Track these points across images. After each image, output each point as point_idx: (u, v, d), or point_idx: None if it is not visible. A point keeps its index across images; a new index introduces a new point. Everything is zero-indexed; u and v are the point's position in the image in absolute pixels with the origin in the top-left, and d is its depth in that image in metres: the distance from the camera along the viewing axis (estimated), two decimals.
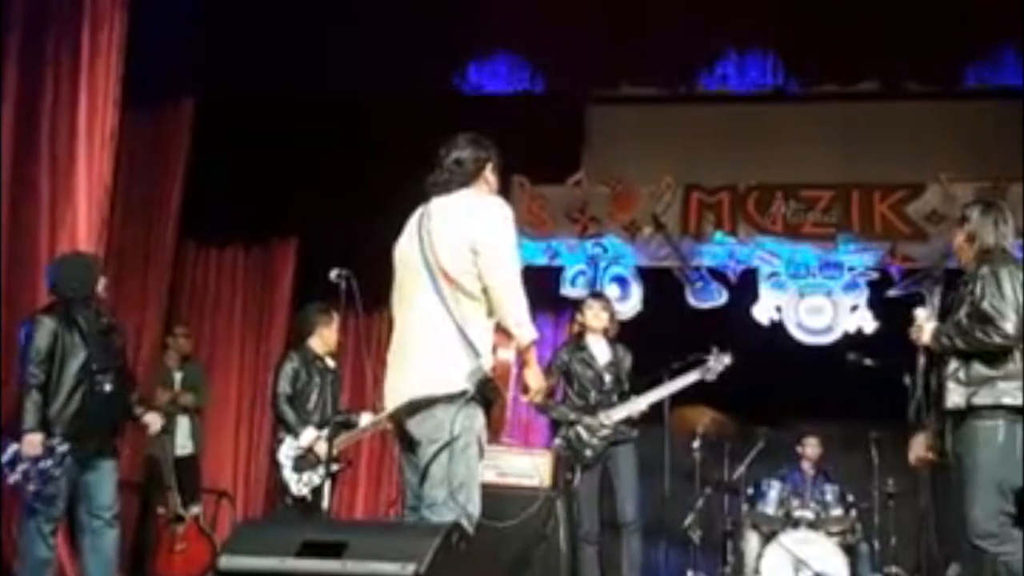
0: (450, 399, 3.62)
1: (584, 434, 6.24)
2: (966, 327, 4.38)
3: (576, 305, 6.72)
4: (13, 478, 5.06)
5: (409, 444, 3.77)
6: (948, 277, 7.85)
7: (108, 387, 5.24)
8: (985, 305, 4.33)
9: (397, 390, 3.78)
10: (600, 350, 6.43)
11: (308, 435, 5.92)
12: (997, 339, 4.29)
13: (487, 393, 3.63)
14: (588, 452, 6.23)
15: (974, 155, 8.03)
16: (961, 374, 4.35)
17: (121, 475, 5.56)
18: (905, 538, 6.96)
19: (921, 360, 4.55)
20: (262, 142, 7.85)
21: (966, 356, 4.36)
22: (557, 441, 6.35)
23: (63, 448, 5.09)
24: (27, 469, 5.02)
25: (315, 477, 5.79)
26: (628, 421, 6.30)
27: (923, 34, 7.50)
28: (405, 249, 3.88)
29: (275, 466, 5.97)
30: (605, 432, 6.23)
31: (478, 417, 3.66)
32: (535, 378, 3.75)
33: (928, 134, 8.13)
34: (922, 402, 4.55)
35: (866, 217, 8.04)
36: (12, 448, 5.05)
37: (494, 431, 3.72)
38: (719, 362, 6.45)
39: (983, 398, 4.32)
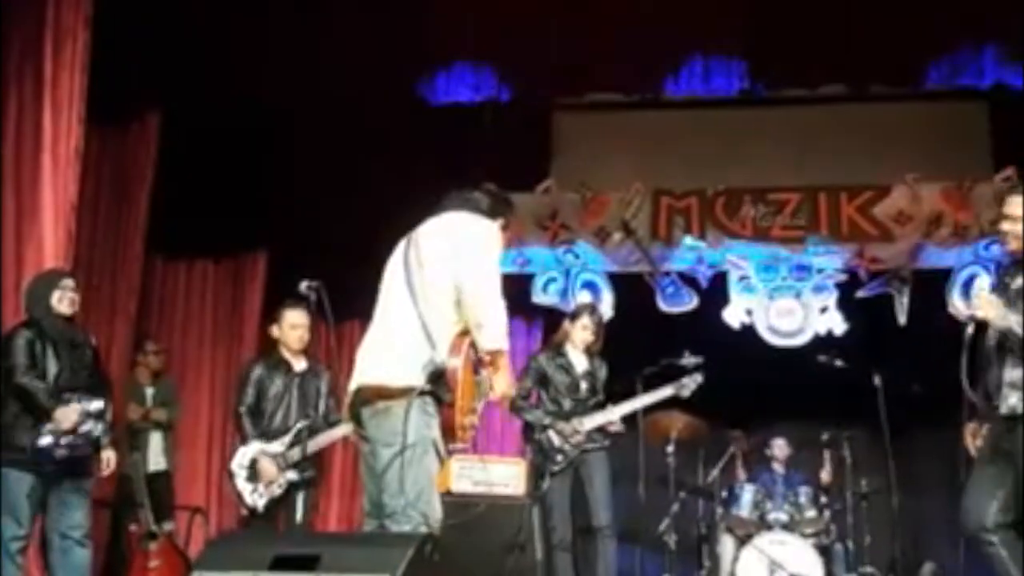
0: (403, 394, 3.64)
1: (556, 440, 6.24)
2: None
3: (570, 314, 6.70)
4: (59, 453, 5.07)
5: (369, 446, 3.79)
6: (915, 277, 8.01)
7: (80, 402, 5.20)
8: None
9: (355, 381, 3.85)
10: (578, 359, 6.45)
11: (251, 449, 5.73)
12: None
13: (439, 389, 3.64)
14: (559, 457, 6.23)
15: (939, 156, 8.13)
16: (1018, 379, 4.20)
17: (92, 492, 5.50)
18: (879, 538, 7.00)
19: (969, 330, 4.28)
20: (229, 156, 7.81)
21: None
22: (530, 443, 6.35)
23: (95, 405, 5.15)
24: (71, 441, 5.07)
25: (274, 488, 5.65)
26: (600, 430, 6.31)
27: (886, 37, 7.57)
28: (394, 259, 3.95)
29: (229, 475, 5.80)
30: (577, 439, 6.24)
31: (433, 422, 3.68)
32: (503, 383, 3.79)
33: (893, 135, 8.21)
34: (968, 390, 4.37)
35: (834, 219, 8.11)
36: (48, 430, 5.06)
37: (448, 435, 3.71)
38: (693, 380, 6.49)
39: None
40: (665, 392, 6.52)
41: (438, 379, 3.64)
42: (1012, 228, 4.29)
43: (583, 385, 6.39)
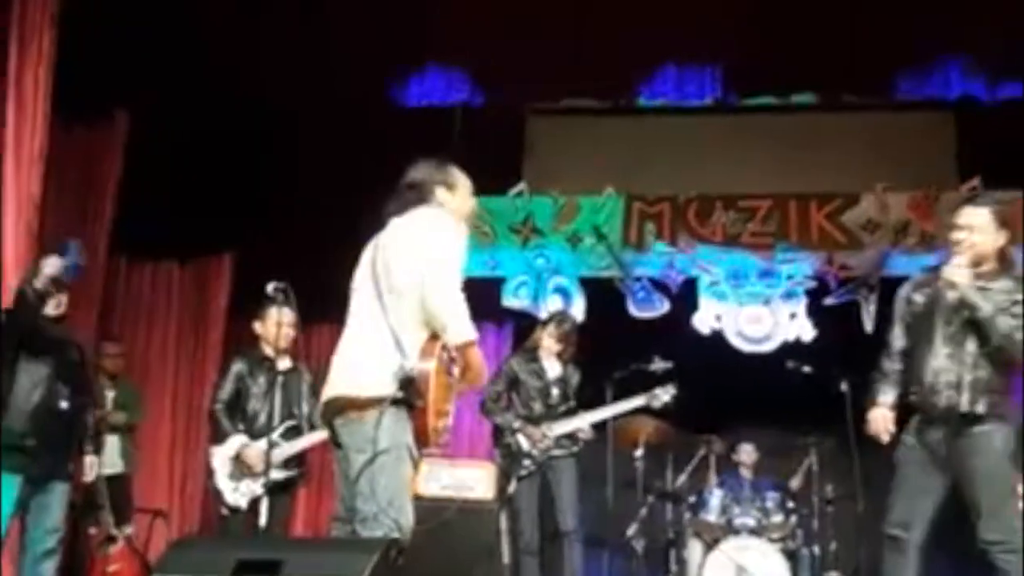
0: (375, 403, 3.63)
1: (525, 444, 6.24)
2: (1004, 318, 4.20)
3: (542, 321, 6.69)
4: None
5: (343, 452, 3.77)
6: (883, 285, 8.06)
7: (64, 404, 5.13)
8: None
9: (327, 393, 3.82)
10: (550, 364, 6.45)
11: (234, 443, 5.63)
12: (1016, 343, 4.18)
13: (410, 396, 3.63)
14: (527, 462, 6.22)
15: (907, 165, 8.20)
16: (983, 382, 4.24)
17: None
18: (844, 543, 7.03)
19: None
20: (197, 157, 7.75)
21: (988, 359, 4.25)
22: (499, 446, 6.34)
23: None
24: None
25: (256, 487, 5.55)
26: (570, 436, 6.31)
27: (856, 48, 7.64)
28: (362, 267, 3.92)
29: (209, 474, 5.69)
30: (546, 444, 6.24)
31: (406, 427, 3.65)
32: (475, 377, 3.77)
33: (863, 145, 8.27)
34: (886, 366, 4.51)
35: (803, 226, 8.16)
36: None
37: (420, 439, 3.69)
38: (665, 391, 6.50)
39: (991, 406, 4.26)
40: (636, 402, 6.54)
41: (409, 386, 3.61)
42: (962, 237, 4.30)
43: (554, 391, 6.39)
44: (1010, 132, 7.77)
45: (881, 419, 4.47)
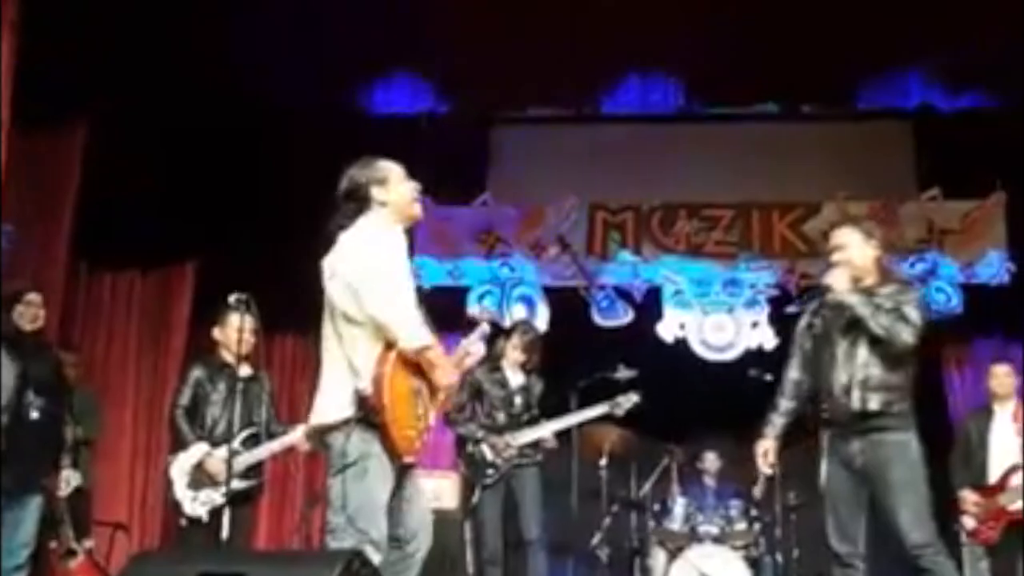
0: (339, 427, 3.66)
1: (488, 453, 6.23)
2: (885, 314, 4.40)
3: (506, 330, 6.68)
4: None
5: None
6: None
7: (34, 414, 5.05)
8: (908, 310, 4.41)
9: (309, 421, 3.92)
10: (513, 374, 6.45)
11: (196, 451, 5.51)
12: (903, 335, 4.36)
13: (368, 414, 3.62)
14: (490, 471, 6.21)
15: (867, 174, 8.29)
16: (875, 379, 4.40)
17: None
18: (807, 550, 7.06)
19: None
20: (159, 164, 7.69)
21: (879, 358, 4.41)
22: (463, 455, 6.33)
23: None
24: None
25: (216, 496, 5.41)
26: (533, 445, 6.31)
27: (817, 58, 7.71)
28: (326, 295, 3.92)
29: (167, 484, 5.55)
30: (509, 453, 6.23)
31: (374, 441, 3.64)
32: (443, 376, 3.71)
33: (824, 154, 8.37)
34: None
35: (766, 235, 8.24)
36: None
37: (392, 452, 3.67)
38: (627, 399, 6.51)
39: (901, 406, 4.42)
40: (599, 410, 6.54)
41: (363, 405, 3.62)
42: (839, 258, 4.50)
43: (517, 400, 6.39)
44: (968, 141, 7.89)
45: (763, 453, 4.75)
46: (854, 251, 4.51)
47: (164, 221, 7.75)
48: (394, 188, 3.86)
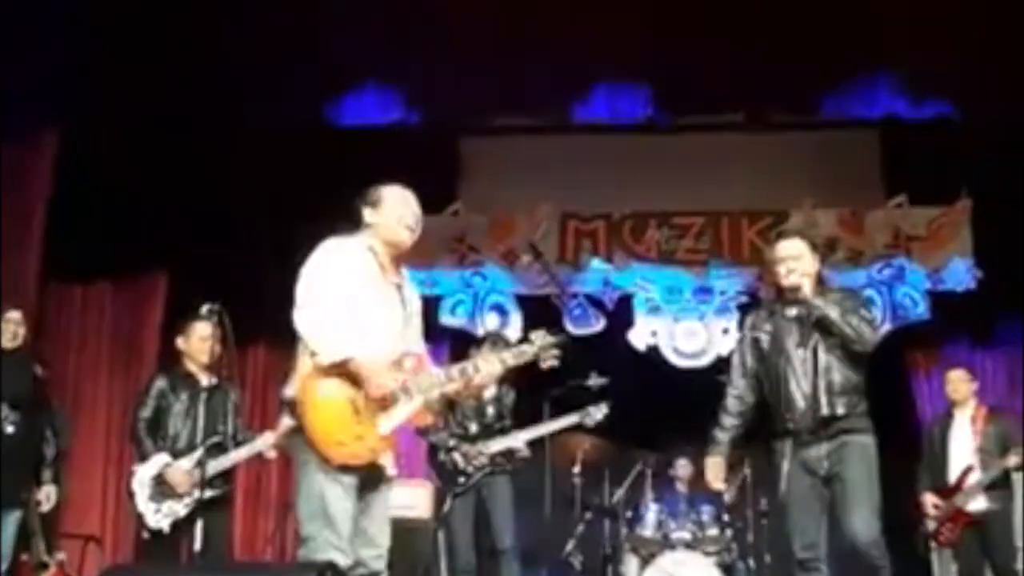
0: (291, 433, 3.82)
1: (460, 462, 6.24)
2: (851, 314, 4.51)
3: (478, 341, 6.69)
4: None
5: None
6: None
7: (9, 428, 5.00)
8: (863, 312, 4.60)
9: None
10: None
11: (156, 462, 5.41)
12: (869, 335, 4.50)
13: (296, 418, 3.72)
14: (462, 480, 6.22)
15: (834, 182, 8.37)
16: (838, 383, 4.50)
17: None
18: (778, 555, 7.11)
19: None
20: (129, 175, 7.67)
21: (839, 362, 4.52)
22: (435, 463, 6.34)
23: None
24: None
25: (178, 508, 5.34)
26: (505, 454, 6.33)
27: (784, 68, 7.79)
28: None
29: (130, 496, 5.43)
30: (481, 461, 6.25)
31: (305, 448, 3.69)
32: (373, 388, 3.67)
33: (792, 163, 8.44)
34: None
35: (735, 243, 8.30)
36: None
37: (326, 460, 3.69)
38: (599, 409, 6.55)
39: (862, 406, 4.53)
40: (570, 420, 6.57)
41: (291, 409, 3.74)
42: (791, 267, 4.56)
43: (490, 410, 6.41)
44: (934, 149, 8.00)
45: (714, 468, 4.85)
46: (806, 260, 4.59)
47: (135, 232, 7.73)
48: (383, 211, 3.90)
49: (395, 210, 3.90)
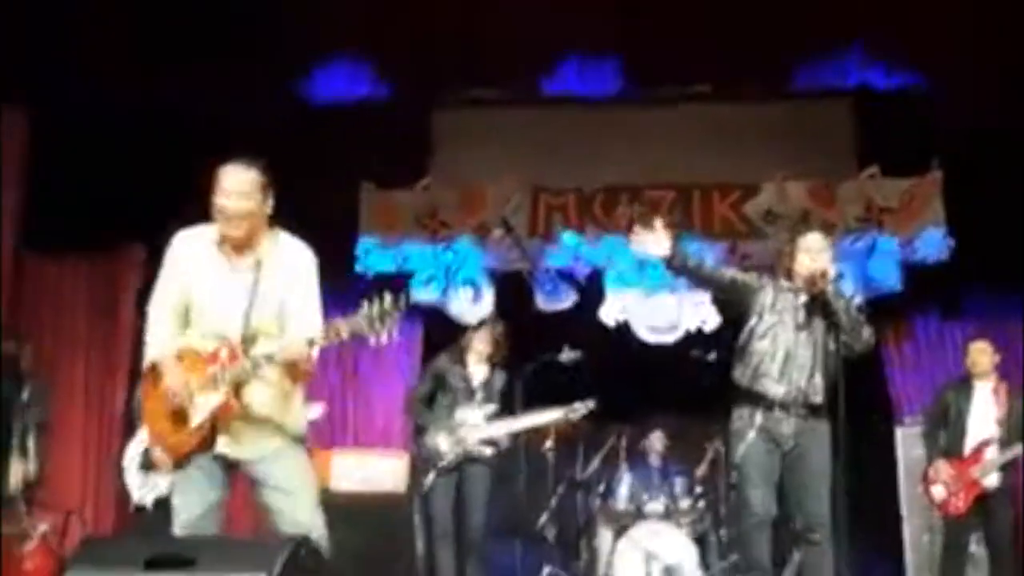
0: None
1: (443, 444, 6.25)
2: (856, 312, 4.85)
3: (475, 326, 6.65)
4: None
5: None
6: None
7: None
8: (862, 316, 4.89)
9: None
10: (477, 368, 6.49)
11: (142, 438, 5.50)
12: (867, 336, 4.85)
13: None
14: (443, 462, 6.23)
15: (806, 154, 8.37)
16: (819, 374, 4.82)
17: None
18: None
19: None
20: (102, 148, 7.58)
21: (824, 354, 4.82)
22: (419, 442, 6.34)
23: None
24: None
25: (162, 484, 5.47)
26: (487, 443, 6.33)
27: (756, 39, 7.77)
28: None
29: (119, 471, 5.67)
30: (464, 447, 6.26)
31: None
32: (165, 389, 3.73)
33: (763, 134, 8.42)
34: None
35: (707, 217, 8.30)
36: None
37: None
38: (584, 405, 6.57)
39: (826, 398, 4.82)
40: (555, 415, 6.58)
41: None
42: (826, 260, 4.87)
43: (479, 395, 6.44)
44: (907, 119, 8.00)
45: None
46: (829, 255, 4.91)
47: (111, 205, 7.64)
48: (215, 195, 3.81)
49: (217, 199, 3.78)
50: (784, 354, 4.81)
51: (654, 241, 4.84)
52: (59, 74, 7.13)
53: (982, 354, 6.54)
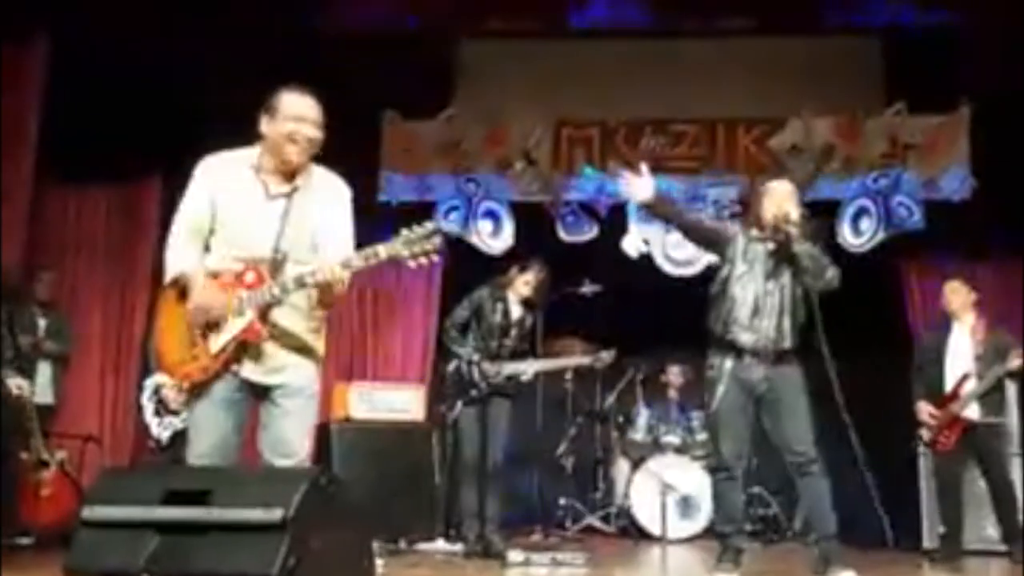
0: None
1: (475, 374, 6.32)
2: (820, 252, 5.00)
3: (521, 267, 6.68)
4: None
5: None
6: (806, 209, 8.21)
7: None
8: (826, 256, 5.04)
9: None
10: (515, 306, 6.53)
11: (155, 377, 5.65)
12: (831, 275, 4.94)
13: None
14: (473, 392, 6.30)
15: (835, 90, 8.28)
16: (788, 320, 4.99)
17: None
18: (764, 459, 7.25)
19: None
20: (124, 78, 7.58)
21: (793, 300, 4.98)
22: (449, 370, 6.42)
23: None
24: None
25: (177, 422, 5.60)
26: (512, 378, 6.40)
27: None
28: None
29: (139, 408, 5.76)
30: (495, 380, 6.33)
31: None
32: (192, 307, 3.65)
33: (791, 70, 8.33)
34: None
35: (731, 151, 8.27)
36: None
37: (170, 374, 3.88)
38: (609, 354, 6.70)
39: (798, 343, 5.00)
40: (582, 361, 6.79)
41: None
42: (793, 208, 4.98)
43: (513, 332, 6.49)
44: (936, 57, 7.89)
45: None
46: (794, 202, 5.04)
47: (129, 136, 7.66)
48: (276, 120, 3.70)
49: (286, 124, 3.67)
50: (753, 302, 4.94)
51: (639, 185, 4.92)
52: (81, 5, 7.10)
53: (954, 293, 6.59)
